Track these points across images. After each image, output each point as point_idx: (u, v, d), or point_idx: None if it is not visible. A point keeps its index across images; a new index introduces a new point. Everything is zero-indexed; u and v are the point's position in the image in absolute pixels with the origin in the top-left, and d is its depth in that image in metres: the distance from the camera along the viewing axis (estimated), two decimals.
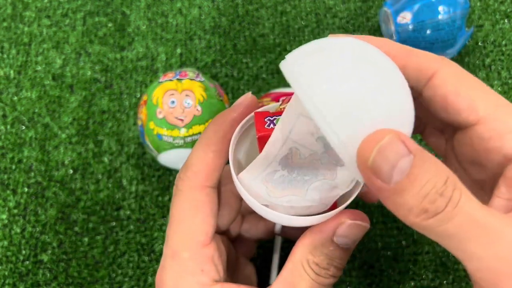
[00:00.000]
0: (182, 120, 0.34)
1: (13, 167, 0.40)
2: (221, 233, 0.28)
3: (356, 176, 0.19)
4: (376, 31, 0.43)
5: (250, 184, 0.24)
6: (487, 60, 0.42)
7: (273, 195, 0.23)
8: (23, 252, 0.38)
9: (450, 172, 0.18)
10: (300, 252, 0.23)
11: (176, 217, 0.25)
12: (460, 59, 0.42)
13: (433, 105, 0.22)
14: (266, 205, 0.23)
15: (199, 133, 0.34)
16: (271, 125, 0.23)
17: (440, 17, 0.36)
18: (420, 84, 0.22)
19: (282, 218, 0.23)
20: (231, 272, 0.29)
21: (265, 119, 0.24)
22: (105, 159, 0.40)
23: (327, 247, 0.23)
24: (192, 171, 0.25)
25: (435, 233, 0.18)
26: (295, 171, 0.23)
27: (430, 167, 0.18)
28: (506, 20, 0.43)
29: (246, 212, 0.32)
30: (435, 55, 0.22)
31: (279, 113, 0.24)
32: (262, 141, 0.23)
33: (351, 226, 0.23)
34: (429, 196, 0.18)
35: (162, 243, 0.38)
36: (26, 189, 0.39)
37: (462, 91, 0.21)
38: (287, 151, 0.23)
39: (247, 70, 0.43)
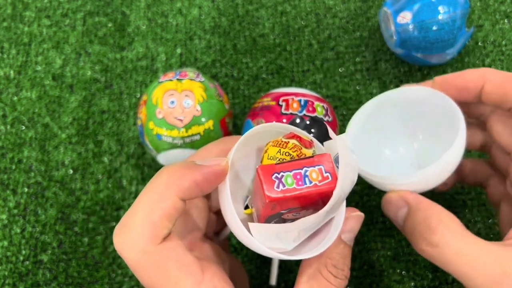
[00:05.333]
0: (181, 120, 0.34)
1: (13, 167, 0.40)
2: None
3: None
4: (376, 31, 0.43)
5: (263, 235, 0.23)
6: (487, 60, 0.42)
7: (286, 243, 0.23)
8: (23, 252, 0.38)
9: (437, 215, 0.25)
10: (316, 259, 0.24)
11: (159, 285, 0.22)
12: (460, 59, 0.42)
13: None
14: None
15: (198, 133, 0.34)
16: (280, 186, 0.21)
17: (440, 16, 0.36)
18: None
19: (295, 257, 0.23)
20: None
21: (273, 177, 0.21)
22: (105, 159, 0.40)
23: (338, 246, 0.24)
24: (136, 235, 0.22)
25: (435, 261, 0.25)
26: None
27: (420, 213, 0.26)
28: (506, 20, 0.43)
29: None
30: None
31: (285, 166, 0.22)
32: (271, 203, 0.21)
33: (353, 220, 0.25)
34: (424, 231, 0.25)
35: None
36: (26, 189, 0.39)
37: None
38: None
39: (247, 70, 0.43)
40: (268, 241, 0.23)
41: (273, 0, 0.45)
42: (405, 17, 0.37)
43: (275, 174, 0.21)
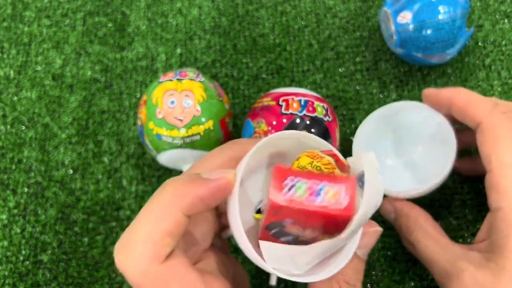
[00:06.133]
0: (181, 120, 0.34)
1: (13, 167, 0.40)
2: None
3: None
4: (376, 31, 0.43)
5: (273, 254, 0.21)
6: (487, 60, 0.42)
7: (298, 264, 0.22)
8: (23, 252, 0.38)
9: (414, 218, 0.31)
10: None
11: None
12: (460, 59, 0.42)
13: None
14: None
15: (198, 133, 0.34)
16: (289, 193, 0.19)
17: (440, 16, 0.36)
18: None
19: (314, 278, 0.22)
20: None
21: (285, 182, 0.20)
22: (105, 159, 0.40)
23: (352, 261, 0.24)
24: (138, 254, 0.21)
25: (415, 256, 0.31)
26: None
27: (401, 219, 0.31)
28: (506, 20, 0.43)
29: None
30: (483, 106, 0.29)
31: (305, 174, 0.20)
32: (273, 209, 0.20)
33: (370, 235, 0.25)
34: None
35: None
36: (26, 189, 0.39)
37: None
38: None
39: (247, 70, 0.43)
40: (279, 262, 0.21)
41: (273, 0, 0.45)
42: (405, 17, 0.37)
43: (290, 179, 0.20)
